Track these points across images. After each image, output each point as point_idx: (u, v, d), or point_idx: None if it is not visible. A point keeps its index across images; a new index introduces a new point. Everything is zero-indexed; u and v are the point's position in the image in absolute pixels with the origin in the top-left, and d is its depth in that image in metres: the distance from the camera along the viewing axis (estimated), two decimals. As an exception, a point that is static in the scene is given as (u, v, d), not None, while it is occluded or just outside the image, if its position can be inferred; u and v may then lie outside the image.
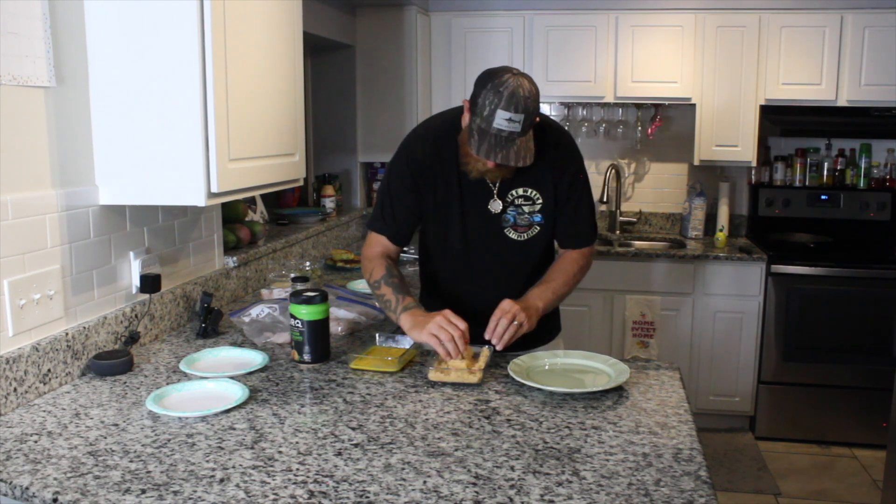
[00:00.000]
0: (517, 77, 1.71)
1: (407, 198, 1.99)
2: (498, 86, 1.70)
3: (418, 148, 1.98)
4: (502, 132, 1.71)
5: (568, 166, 1.98)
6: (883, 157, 4.21)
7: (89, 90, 1.81)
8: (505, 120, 1.70)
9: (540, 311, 1.90)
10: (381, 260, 2.00)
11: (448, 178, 1.95)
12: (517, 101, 1.69)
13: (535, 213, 1.98)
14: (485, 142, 1.73)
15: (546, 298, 1.93)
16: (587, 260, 2.07)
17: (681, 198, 4.45)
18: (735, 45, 3.91)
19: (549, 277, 2.00)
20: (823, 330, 3.78)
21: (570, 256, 2.05)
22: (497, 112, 1.70)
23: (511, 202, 1.96)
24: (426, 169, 1.96)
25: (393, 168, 2.01)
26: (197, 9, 1.70)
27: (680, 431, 1.49)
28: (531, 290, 1.95)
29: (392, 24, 3.89)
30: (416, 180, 1.97)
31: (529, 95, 1.70)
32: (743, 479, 3.46)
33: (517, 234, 1.99)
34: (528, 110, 1.70)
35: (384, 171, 2.06)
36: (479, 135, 1.74)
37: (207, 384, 1.72)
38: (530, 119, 1.72)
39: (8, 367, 1.57)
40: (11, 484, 1.26)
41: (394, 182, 2.00)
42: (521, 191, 1.96)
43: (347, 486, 1.25)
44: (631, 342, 3.97)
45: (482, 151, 1.74)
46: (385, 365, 1.83)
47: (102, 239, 1.90)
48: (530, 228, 1.99)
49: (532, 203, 1.97)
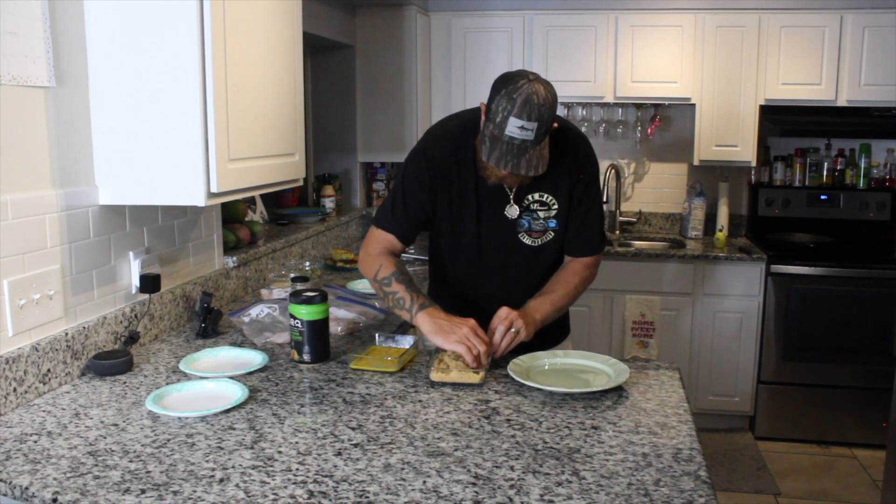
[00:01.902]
0: (532, 83, 1.66)
1: (422, 197, 1.94)
2: (512, 92, 1.66)
3: (437, 149, 1.93)
4: (514, 140, 1.67)
5: (585, 168, 1.94)
6: (883, 157, 4.21)
7: (89, 90, 1.81)
8: (517, 128, 1.66)
9: (538, 323, 1.86)
10: (387, 257, 1.96)
11: (465, 182, 1.92)
12: (531, 109, 1.64)
13: (551, 219, 1.95)
14: (496, 149, 1.70)
15: (544, 311, 1.89)
16: (591, 271, 2.02)
17: (680, 198, 4.45)
18: (735, 45, 3.91)
19: (550, 289, 1.95)
20: (823, 330, 3.78)
21: (573, 267, 2.00)
22: (510, 119, 1.65)
23: (527, 207, 1.93)
24: (444, 170, 1.92)
25: (410, 166, 1.96)
26: (197, 9, 1.70)
27: (680, 431, 1.49)
28: (530, 301, 1.91)
29: (392, 24, 3.89)
30: (434, 180, 1.93)
31: (544, 103, 1.65)
32: (743, 479, 3.46)
33: (531, 240, 1.96)
34: (542, 118, 1.66)
35: (399, 170, 2.03)
36: (492, 141, 1.71)
37: (207, 384, 1.72)
38: (544, 127, 1.68)
39: (8, 367, 1.57)
40: (11, 484, 1.26)
41: (410, 181, 1.95)
42: (538, 196, 1.93)
43: (347, 486, 1.25)
44: (631, 342, 3.97)
45: (493, 159, 1.71)
46: (385, 365, 1.83)
47: (102, 239, 1.90)
48: (544, 234, 1.96)
49: (548, 209, 1.94)
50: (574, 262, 2.01)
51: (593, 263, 2.03)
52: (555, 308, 1.92)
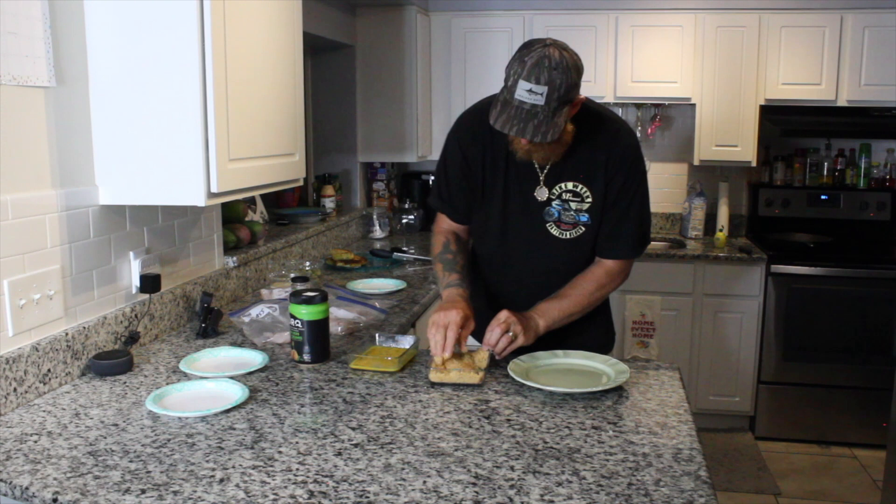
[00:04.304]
0: (547, 48, 1.59)
1: (458, 174, 1.92)
2: (524, 55, 1.60)
3: (468, 123, 1.90)
4: (524, 104, 1.60)
5: (623, 165, 1.82)
6: (883, 157, 4.21)
7: (89, 90, 1.81)
8: (526, 91, 1.58)
9: (541, 330, 1.82)
10: (442, 235, 1.98)
11: (496, 157, 1.86)
12: (539, 72, 1.57)
13: (583, 213, 1.85)
14: (504, 112, 1.63)
15: (551, 318, 1.83)
16: (613, 279, 1.92)
17: (681, 198, 4.45)
18: (735, 45, 3.91)
19: (564, 293, 1.87)
20: (823, 330, 3.78)
21: (593, 273, 1.90)
22: (519, 83, 1.58)
23: (558, 196, 1.85)
24: (475, 145, 1.87)
25: (446, 144, 1.97)
26: (197, 9, 1.70)
27: (680, 431, 1.49)
28: (540, 303, 1.85)
29: (392, 24, 3.89)
30: (466, 156, 1.90)
31: (557, 66, 1.57)
32: (743, 479, 3.46)
33: (559, 232, 1.87)
34: (552, 82, 1.57)
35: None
36: (502, 105, 1.64)
37: (207, 384, 1.72)
38: (556, 92, 1.58)
39: (8, 367, 1.57)
40: (11, 484, 1.26)
41: (447, 158, 1.95)
42: (571, 185, 1.84)
43: (347, 486, 1.25)
44: (631, 342, 3.97)
45: (499, 122, 1.63)
46: (385, 365, 1.82)
47: (102, 239, 1.90)
48: (575, 227, 1.87)
49: (581, 200, 1.84)
50: (596, 267, 1.92)
51: (618, 271, 1.92)
52: (564, 315, 1.86)
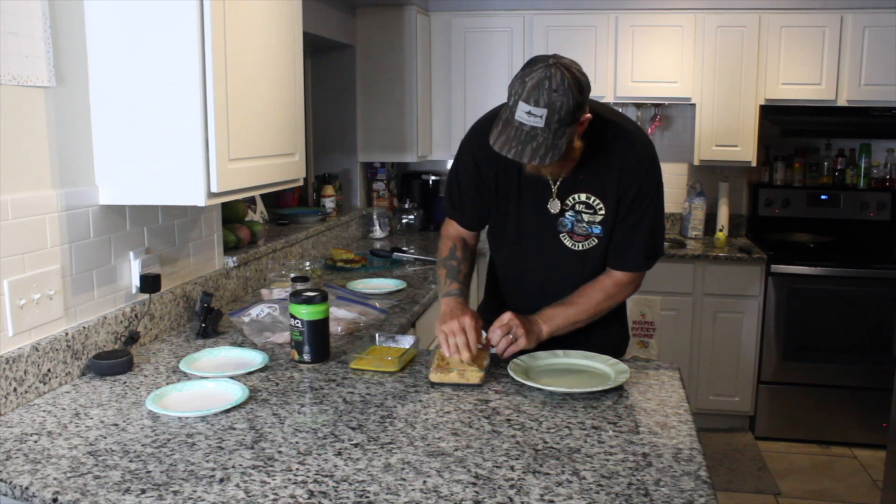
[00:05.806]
0: (550, 67, 1.57)
1: (469, 182, 1.93)
2: (526, 75, 1.58)
3: (482, 132, 1.86)
4: (523, 126, 1.59)
5: (636, 178, 1.80)
6: (883, 157, 4.21)
7: (89, 90, 1.81)
8: (525, 113, 1.57)
9: (543, 335, 1.81)
10: (449, 240, 2.00)
11: (509, 168, 1.84)
12: (539, 94, 1.55)
13: (595, 224, 1.85)
14: (504, 133, 1.62)
15: (555, 324, 1.83)
16: (621, 290, 1.90)
17: (681, 198, 4.45)
18: (735, 45, 3.91)
19: (571, 301, 1.87)
20: (823, 330, 3.78)
21: (601, 283, 1.89)
22: (519, 104, 1.58)
23: (571, 207, 1.85)
24: (489, 155, 1.82)
25: (459, 151, 1.97)
26: (197, 9, 1.70)
27: (680, 431, 1.49)
28: (546, 309, 1.85)
29: (392, 24, 3.89)
30: (478, 165, 1.90)
31: (557, 88, 1.56)
32: (743, 479, 3.46)
33: (572, 243, 1.88)
34: (552, 104, 1.56)
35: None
36: (503, 125, 1.63)
37: (207, 384, 1.72)
38: (557, 114, 1.57)
39: (8, 366, 1.57)
40: (11, 484, 1.26)
41: (460, 166, 1.95)
42: (584, 197, 1.83)
43: (347, 486, 1.25)
44: (631, 342, 3.95)
45: (498, 143, 1.62)
46: (385, 365, 1.82)
47: (102, 239, 1.90)
48: (587, 239, 1.87)
49: (593, 212, 1.84)
50: (605, 277, 1.90)
51: (628, 282, 1.90)
52: (569, 322, 1.85)
